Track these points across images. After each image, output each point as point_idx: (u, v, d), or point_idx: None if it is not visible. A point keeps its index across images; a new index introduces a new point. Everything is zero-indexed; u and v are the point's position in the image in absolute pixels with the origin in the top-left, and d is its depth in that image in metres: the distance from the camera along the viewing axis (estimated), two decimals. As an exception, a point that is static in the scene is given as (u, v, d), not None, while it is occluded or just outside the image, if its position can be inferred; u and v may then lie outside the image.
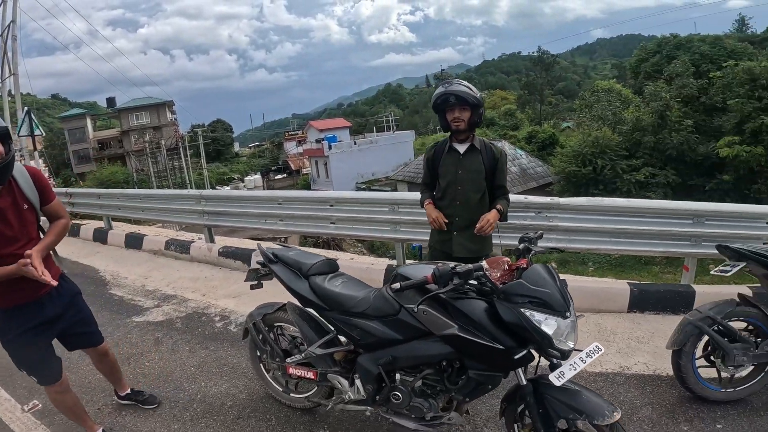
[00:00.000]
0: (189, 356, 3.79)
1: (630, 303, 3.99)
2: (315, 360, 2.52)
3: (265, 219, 5.81)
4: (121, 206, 7.97)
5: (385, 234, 4.80)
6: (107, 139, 52.17)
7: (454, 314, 1.98)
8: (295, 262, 2.63)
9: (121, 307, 5.01)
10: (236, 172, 50.43)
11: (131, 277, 6.00)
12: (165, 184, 40.14)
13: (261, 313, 2.89)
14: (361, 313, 2.28)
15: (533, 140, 28.57)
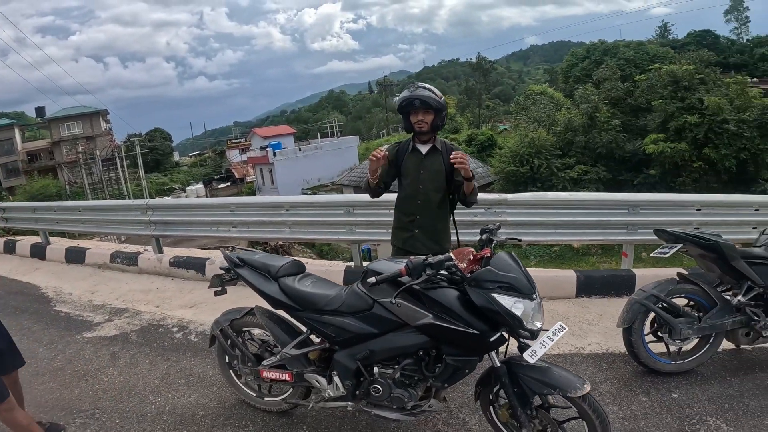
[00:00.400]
0: (150, 369, 3.69)
1: (577, 289, 4.28)
2: (289, 361, 2.54)
3: (218, 227, 5.72)
4: (59, 219, 7.54)
5: (341, 236, 4.88)
6: (37, 151, 48.74)
7: (428, 304, 2.10)
8: (263, 264, 2.65)
9: (69, 323, 4.77)
10: (177, 182, 48.40)
11: (76, 293, 5.71)
12: (101, 197, 37.91)
13: (228, 319, 2.87)
14: (335, 311, 2.34)
15: (473, 142, 29.55)
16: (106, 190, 39.32)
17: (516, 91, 65.59)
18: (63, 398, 3.41)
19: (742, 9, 55.97)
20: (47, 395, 3.46)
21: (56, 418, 3.17)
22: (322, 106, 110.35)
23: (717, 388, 2.97)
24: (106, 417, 3.13)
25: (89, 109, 49.45)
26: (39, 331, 4.63)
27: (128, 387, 3.46)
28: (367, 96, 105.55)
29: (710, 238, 2.95)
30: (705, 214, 4.30)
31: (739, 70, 32.85)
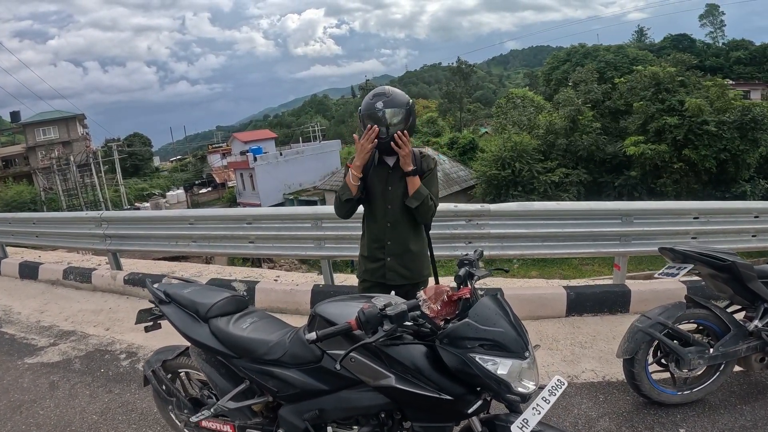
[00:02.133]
0: (90, 402, 3.29)
1: (567, 307, 3.94)
2: (230, 412, 2.12)
3: (177, 241, 5.27)
4: (14, 232, 7.04)
5: (309, 251, 4.48)
6: (11, 156, 47.60)
7: (389, 362, 1.66)
8: (191, 302, 2.23)
9: (12, 347, 4.35)
10: (157, 188, 47.45)
11: (25, 312, 5.25)
12: (76, 203, 37.00)
13: (159, 360, 2.47)
14: (276, 361, 1.92)
15: (455, 146, 29.56)
16: (81, 197, 38.31)
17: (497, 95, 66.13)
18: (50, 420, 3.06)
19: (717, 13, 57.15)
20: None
21: None
22: (305, 110, 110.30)
23: (727, 418, 2.65)
24: None
25: (65, 114, 48.55)
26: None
27: (63, 422, 3.08)
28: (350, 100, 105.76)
29: (725, 258, 2.62)
30: (703, 222, 3.98)
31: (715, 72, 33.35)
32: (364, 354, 1.67)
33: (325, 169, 34.66)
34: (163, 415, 2.64)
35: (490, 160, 21.50)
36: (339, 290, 4.36)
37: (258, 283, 4.74)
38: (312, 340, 1.57)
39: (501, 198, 19.58)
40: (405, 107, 2.31)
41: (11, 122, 55.36)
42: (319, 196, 28.52)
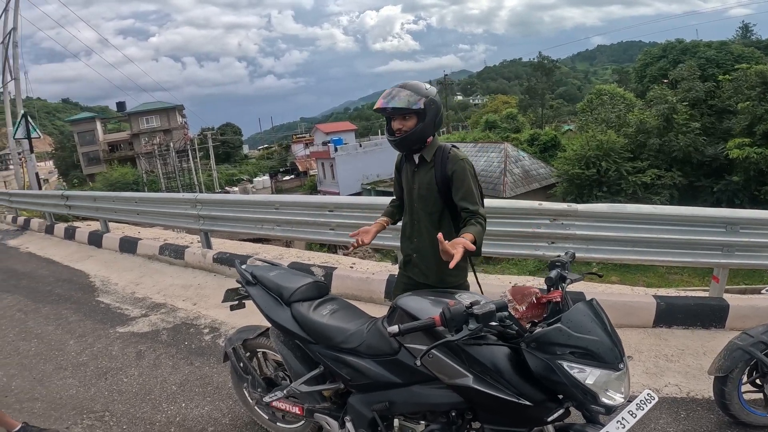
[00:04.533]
0: (171, 373, 3.49)
1: (656, 317, 3.63)
2: (301, 396, 2.18)
3: (262, 224, 5.51)
4: (116, 210, 7.74)
5: (386, 241, 4.48)
6: (118, 142, 52.69)
7: (469, 362, 1.60)
8: (276, 285, 2.29)
9: (106, 316, 4.73)
10: (245, 174, 50.36)
11: (121, 284, 5.73)
12: (173, 185, 40.32)
13: (241, 338, 2.57)
14: (352, 350, 1.94)
15: (535, 142, 28.46)
16: (178, 180, 41.66)
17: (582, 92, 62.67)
18: (78, 396, 3.29)
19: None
20: (63, 392, 3.36)
21: (64, 418, 3.04)
22: None
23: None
24: (115, 421, 2.96)
25: (166, 105, 52.87)
26: (75, 323, 4.60)
27: (144, 390, 3.29)
28: None
29: None
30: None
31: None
32: (444, 351, 1.63)
33: (404, 161, 35.04)
34: (237, 392, 2.76)
35: (573, 158, 20.39)
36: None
37: (335, 270, 4.84)
38: (394, 333, 1.53)
39: (583, 198, 18.50)
40: (416, 95, 2.13)
41: (118, 111, 60.99)
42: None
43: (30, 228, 10.55)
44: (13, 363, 3.85)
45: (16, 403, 3.24)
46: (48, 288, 5.84)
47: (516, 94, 61.99)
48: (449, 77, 64.34)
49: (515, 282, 4.19)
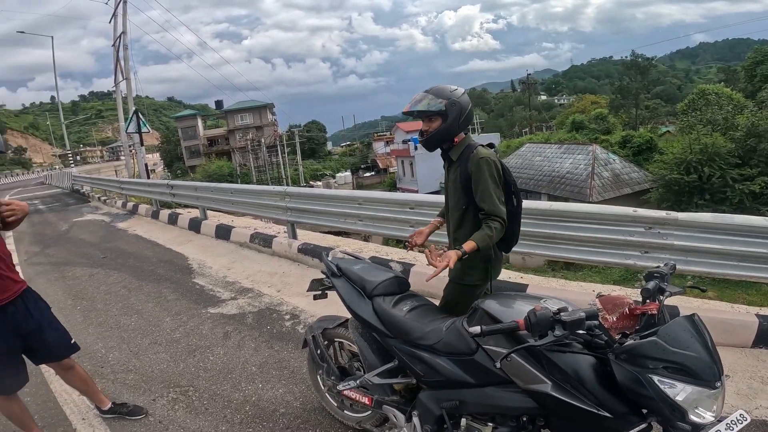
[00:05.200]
0: (253, 354, 3.66)
1: (756, 337, 3.23)
2: (373, 387, 2.22)
3: (345, 218, 5.61)
4: (214, 199, 8.35)
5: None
6: (215, 137, 56.91)
7: (549, 368, 1.54)
8: (360, 279, 2.33)
9: (200, 296, 5.07)
10: (328, 169, 52.11)
11: (215, 267, 6.12)
12: (264, 178, 42.75)
13: (321, 327, 2.64)
14: (429, 347, 1.93)
15: (627, 145, 26.34)
16: (268, 173, 44.08)
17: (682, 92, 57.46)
18: (167, 371, 3.53)
19: None
20: (155, 366, 3.62)
21: (153, 390, 3.27)
22: None
23: None
24: (197, 396, 3.14)
25: (258, 103, 56.18)
26: (172, 301, 4.98)
27: (227, 369, 3.47)
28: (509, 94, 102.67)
29: None
30: None
31: None
32: (523, 356, 1.58)
33: (483, 162, 34.44)
34: (311, 377, 2.84)
35: (671, 162, 18.64)
36: (493, 285, 4.19)
37: (413, 266, 4.81)
38: (476, 333, 1.51)
39: (681, 206, 16.86)
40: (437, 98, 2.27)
41: (216, 109, 65.65)
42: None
43: (138, 213, 11.65)
44: (114, 336, 4.24)
45: (111, 374, 3.54)
46: (151, 268, 6.39)
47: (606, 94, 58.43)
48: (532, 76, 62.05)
49: (599, 291, 3.92)
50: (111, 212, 12.90)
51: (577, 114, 38.46)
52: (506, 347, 1.58)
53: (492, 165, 2.25)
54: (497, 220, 2.21)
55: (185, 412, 2.98)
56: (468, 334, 1.76)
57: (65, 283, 6.06)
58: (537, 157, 24.41)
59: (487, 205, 2.22)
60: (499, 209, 2.22)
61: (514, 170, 24.09)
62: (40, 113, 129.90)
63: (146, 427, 2.85)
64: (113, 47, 18.24)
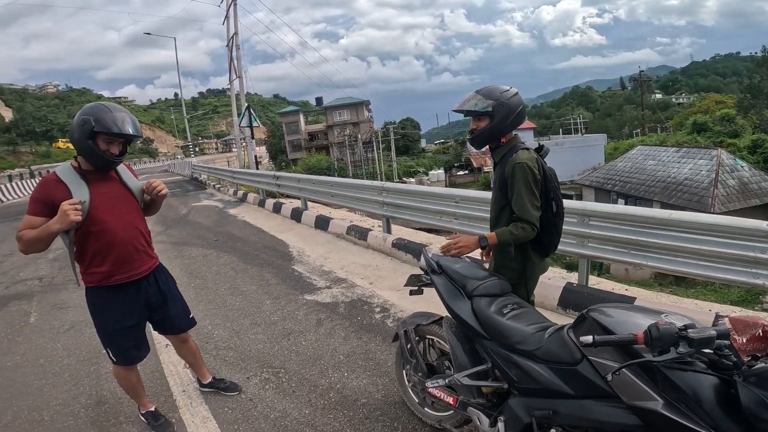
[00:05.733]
0: (342, 343, 3.78)
1: None
2: (460, 387, 2.18)
3: (441, 216, 5.58)
4: (315, 191, 8.78)
5: (569, 248, 4.15)
6: (315, 132, 59.56)
7: (664, 386, 1.43)
8: (460, 277, 2.30)
9: (298, 283, 5.34)
10: (422, 166, 52.20)
11: (313, 256, 6.43)
12: (359, 173, 44.00)
13: (414, 323, 2.65)
14: (528, 353, 1.86)
15: (758, 150, 23.13)
16: (363, 168, 45.31)
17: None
18: (263, 351, 3.76)
19: None
20: (252, 345, 3.88)
21: (248, 368, 3.49)
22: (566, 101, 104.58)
23: None
24: (286, 379, 3.31)
25: (355, 100, 57.77)
26: (273, 285, 5.30)
27: (317, 355, 3.62)
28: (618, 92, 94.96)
29: None
30: None
31: None
32: (635, 371, 1.48)
33: (586, 164, 32.52)
34: (397, 372, 2.87)
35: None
36: (593, 293, 3.95)
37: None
38: (587, 343, 1.45)
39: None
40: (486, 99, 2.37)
41: (316, 106, 68.74)
42: (576, 191, 26.66)
43: (246, 201, 12.59)
44: (219, 314, 4.60)
45: (214, 350, 3.84)
46: (256, 252, 6.87)
47: (733, 93, 52.03)
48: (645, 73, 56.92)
49: (717, 310, 3.54)
50: (223, 199, 14.08)
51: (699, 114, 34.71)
52: (616, 360, 1.51)
53: (527, 170, 2.31)
54: (525, 224, 2.32)
55: (274, 392, 3.15)
56: (573, 342, 1.69)
57: (182, 261, 6.71)
58: (650, 161, 22.44)
59: (518, 210, 2.34)
60: (529, 214, 2.31)
61: (621, 174, 22.49)
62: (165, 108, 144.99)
63: (238, 403, 3.06)
64: (227, 47, 19.81)
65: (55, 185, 2.30)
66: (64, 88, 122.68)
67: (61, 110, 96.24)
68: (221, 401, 3.08)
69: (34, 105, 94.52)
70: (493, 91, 2.38)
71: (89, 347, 4.10)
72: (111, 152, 2.33)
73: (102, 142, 2.29)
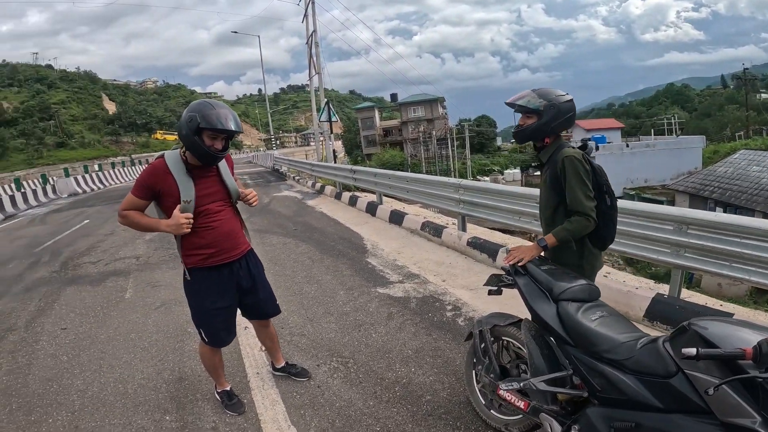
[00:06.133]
0: (411, 338, 3.76)
1: None
2: (534, 393, 2.10)
3: (519, 216, 5.37)
4: (391, 185, 8.85)
5: (662, 256, 3.84)
6: (390, 128, 60.23)
7: (765, 404, 1.35)
8: (547, 281, 2.21)
9: (371, 275, 5.40)
10: (497, 165, 51.02)
11: (387, 250, 6.48)
12: (432, 170, 43.84)
13: (491, 323, 2.59)
14: (616, 362, 1.78)
15: None
16: (437, 165, 45.09)
17: None
18: (334, 340, 3.84)
19: None
20: (324, 334, 3.97)
21: (319, 356, 3.58)
22: (658, 100, 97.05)
23: None
24: (355, 369, 3.35)
25: (429, 97, 57.77)
26: (347, 276, 5.41)
27: (386, 348, 3.63)
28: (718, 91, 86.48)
29: None
30: None
31: None
32: (736, 387, 1.41)
33: (680, 167, 30.10)
34: (466, 371, 2.82)
35: None
36: (686, 306, 3.63)
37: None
38: (690, 355, 1.39)
39: None
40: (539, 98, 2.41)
41: (391, 102, 69.30)
42: (668, 197, 24.79)
43: (324, 193, 12.98)
44: (295, 301, 4.75)
45: (288, 335, 3.97)
46: (332, 243, 7.05)
47: None
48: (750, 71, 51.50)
49: None
50: (302, 190, 14.62)
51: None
52: (714, 375, 1.45)
53: (577, 162, 2.34)
54: (581, 214, 2.31)
55: (342, 381, 3.21)
56: (668, 355, 1.61)
57: (264, 248, 7.02)
58: (754, 167, 20.34)
59: (571, 202, 2.34)
60: (583, 205, 2.31)
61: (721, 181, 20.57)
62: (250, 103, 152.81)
63: (306, 389, 3.14)
64: (306, 45, 20.45)
65: (164, 175, 2.48)
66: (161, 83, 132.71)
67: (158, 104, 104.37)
68: (291, 386, 3.19)
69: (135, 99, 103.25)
70: (548, 93, 2.43)
71: (176, 325, 4.41)
72: (215, 147, 2.46)
73: (207, 138, 2.43)
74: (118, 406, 3.15)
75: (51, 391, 3.44)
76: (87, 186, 25.37)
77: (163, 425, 2.89)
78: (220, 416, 2.93)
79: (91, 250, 8.43)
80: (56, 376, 3.66)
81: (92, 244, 9.02)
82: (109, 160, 48.63)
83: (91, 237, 9.83)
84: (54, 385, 3.52)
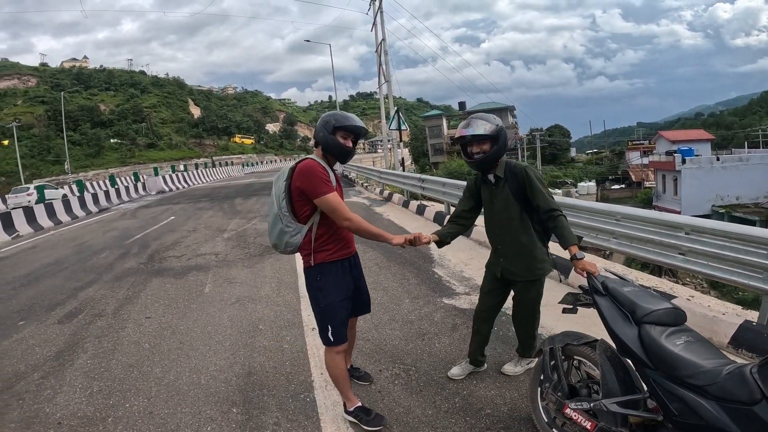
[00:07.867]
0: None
1: None
2: (604, 414, 2.07)
3: (597, 234, 5.14)
4: (456, 195, 8.74)
5: (755, 282, 3.54)
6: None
7: None
8: (630, 302, 2.14)
9: (437, 285, 5.40)
10: (570, 177, 49.05)
11: (454, 261, 6.44)
12: (499, 182, 42.96)
13: (564, 341, 2.53)
14: (698, 387, 1.74)
15: None
16: (507, 176, 44.19)
17: None
18: (397, 347, 3.87)
19: None
20: (389, 341, 4.01)
21: (381, 362, 3.63)
22: (753, 109, 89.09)
23: None
24: (416, 378, 3.36)
25: (499, 105, 57.00)
26: (413, 285, 5.44)
27: (449, 359, 3.61)
28: None
29: None
30: None
31: None
32: None
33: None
34: (531, 387, 2.75)
35: None
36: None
37: (673, 298, 4.17)
38: None
39: None
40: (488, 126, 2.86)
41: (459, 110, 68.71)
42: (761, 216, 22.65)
43: (391, 200, 13.13)
44: (362, 306, 4.83)
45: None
46: (399, 251, 7.10)
47: None
48: None
49: None
50: (370, 197, 14.87)
51: None
52: None
53: (534, 170, 2.90)
54: (557, 211, 2.70)
55: (402, 388, 3.24)
56: (755, 381, 1.59)
57: (334, 253, 7.20)
58: None
59: (545, 203, 2.75)
60: (555, 203, 2.76)
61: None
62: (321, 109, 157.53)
63: (367, 392, 3.20)
64: (376, 53, 20.82)
65: (324, 169, 2.71)
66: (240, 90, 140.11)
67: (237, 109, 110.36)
68: (354, 388, 3.21)
69: (217, 104, 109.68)
70: (489, 117, 2.88)
71: (249, 321, 4.64)
72: (347, 145, 2.78)
73: (340, 137, 2.74)
74: (191, 395, 3.36)
75: (131, 376, 3.72)
76: (173, 185, 27.36)
77: (230, 417, 3.06)
78: (283, 412, 3.06)
79: (175, 245, 9.07)
80: (137, 363, 3.96)
81: (176, 239, 9.70)
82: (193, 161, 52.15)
83: (175, 233, 10.58)
84: (134, 371, 3.82)
